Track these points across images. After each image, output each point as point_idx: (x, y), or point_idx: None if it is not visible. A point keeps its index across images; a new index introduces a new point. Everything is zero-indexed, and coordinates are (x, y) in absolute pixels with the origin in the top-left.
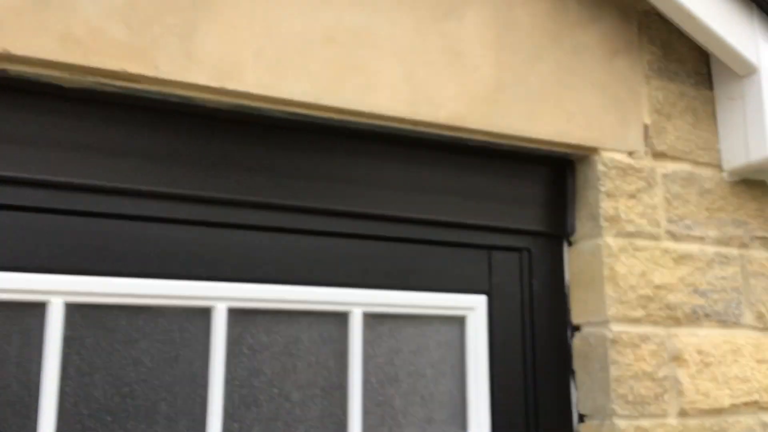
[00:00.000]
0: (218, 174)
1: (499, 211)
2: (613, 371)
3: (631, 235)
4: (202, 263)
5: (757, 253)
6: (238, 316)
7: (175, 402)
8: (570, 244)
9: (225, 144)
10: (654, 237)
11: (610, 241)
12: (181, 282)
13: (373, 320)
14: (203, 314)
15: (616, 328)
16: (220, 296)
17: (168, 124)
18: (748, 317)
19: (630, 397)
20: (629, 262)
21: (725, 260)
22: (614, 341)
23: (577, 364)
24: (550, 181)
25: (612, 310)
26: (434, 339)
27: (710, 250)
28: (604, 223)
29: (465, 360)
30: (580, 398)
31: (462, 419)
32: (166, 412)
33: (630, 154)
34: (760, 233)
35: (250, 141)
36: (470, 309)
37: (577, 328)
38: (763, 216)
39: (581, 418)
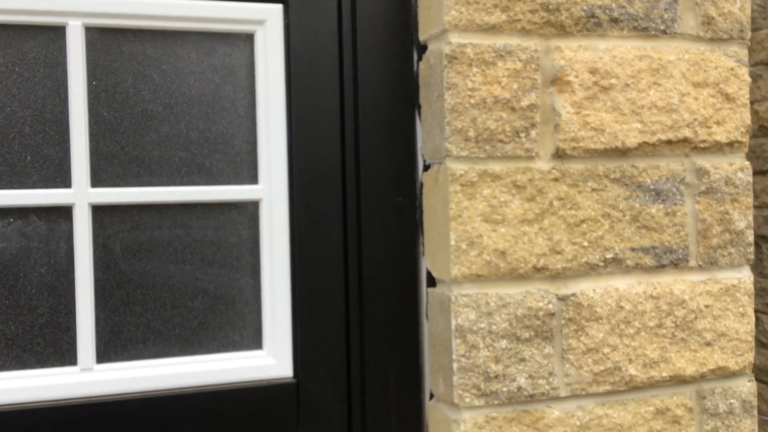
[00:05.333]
0: None
1: None
2: (449, 99)
3: None
4: None
5: None
6: None
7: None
8: None
9: None
10: None
11: None
12: None
13: (111, 36)
14: None
15: (456, 39)
16: None
17: None
18: (689, 23)
19: (472, 133)
20: None
21: None
22: (453, 58)
23: (422, 96)
24: None
25: (452, 14)
26: (207, 64)
27: None
28: None
29: (255, 91)
30: (423, 140)
31: (251, 170)
32: None
33: None
34: None
35: None
36: (258, 23)
37: (424, 48)
38: None
39: (426, 165)
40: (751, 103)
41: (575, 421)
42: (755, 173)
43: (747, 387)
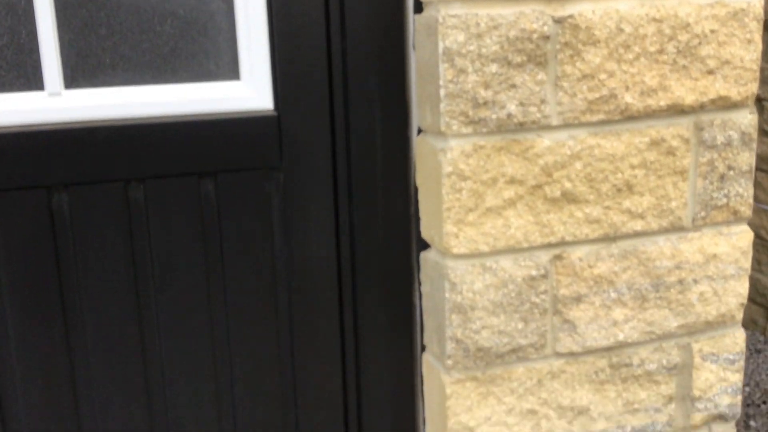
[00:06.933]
0: None
1: None
2: None
3: None
4: None
5: None
6: None
7: None
8: None
9: None
10: None
11: None
12: None
13: None
14: None
15: None
16: None
17: None
18: None
19: None
20: None
21: None
22: None
23: None
24: None
25: None
26: None
27: None
28: None
29: None
30: None
31: None
32: None
33: None
34: None
35: None
36: None
37: None
38: None
39: None
40: None
41: (566, 151)
42: None
43: (748, 119)
